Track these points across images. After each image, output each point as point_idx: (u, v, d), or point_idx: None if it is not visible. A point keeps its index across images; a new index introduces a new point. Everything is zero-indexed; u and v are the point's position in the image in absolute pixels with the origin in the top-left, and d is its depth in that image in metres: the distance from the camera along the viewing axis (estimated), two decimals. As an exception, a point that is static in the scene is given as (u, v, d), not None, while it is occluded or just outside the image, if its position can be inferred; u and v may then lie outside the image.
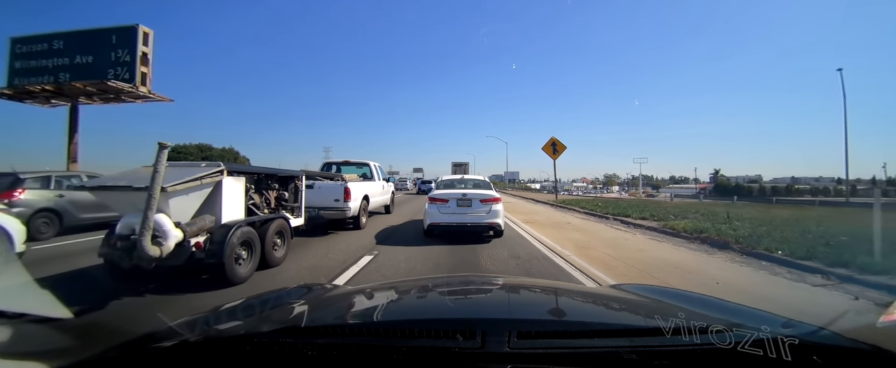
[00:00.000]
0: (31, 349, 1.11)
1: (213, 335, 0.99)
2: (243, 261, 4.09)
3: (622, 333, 0.95)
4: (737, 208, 13.79)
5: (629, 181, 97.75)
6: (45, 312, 1.43)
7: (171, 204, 3.58)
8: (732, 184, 67.24)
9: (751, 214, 10.79)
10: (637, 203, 18.31)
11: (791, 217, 10.19)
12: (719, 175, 76.98)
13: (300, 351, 0.85)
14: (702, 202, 24.07)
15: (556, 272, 4.80)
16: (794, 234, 6.66)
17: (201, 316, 1.18)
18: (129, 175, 4.05)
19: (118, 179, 3.97)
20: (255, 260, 4.26)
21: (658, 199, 34.27)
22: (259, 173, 5.37)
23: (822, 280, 4.29)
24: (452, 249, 5.99)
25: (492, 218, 6.72)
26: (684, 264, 5.21)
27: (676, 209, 13.11)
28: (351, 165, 10.30)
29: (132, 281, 3.75)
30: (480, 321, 1.03)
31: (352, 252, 5.76)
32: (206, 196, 4.02)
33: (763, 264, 5.09)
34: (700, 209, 12.89)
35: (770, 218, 9.88)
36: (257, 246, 4.30)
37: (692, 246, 6.59)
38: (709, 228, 7.46)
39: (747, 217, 9.84)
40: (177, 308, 3.37)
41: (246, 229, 4.14)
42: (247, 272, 4.11)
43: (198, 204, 3.95)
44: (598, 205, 14.35)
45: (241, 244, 4.03)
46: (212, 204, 4.07)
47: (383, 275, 4.58)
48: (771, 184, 69.19)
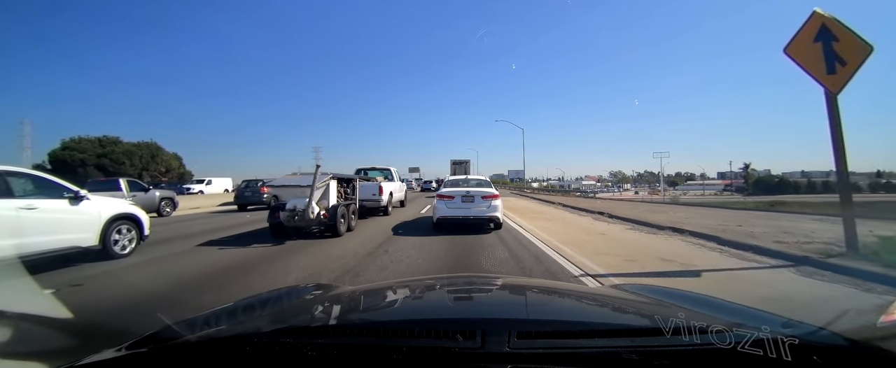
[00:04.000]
0: (31, 349, 1.11)
1: (213, 335, 0.99)
2: (342, 224, 7.43)
3: (622, 333, 0.95)
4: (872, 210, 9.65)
5: (637, 178, 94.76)
6: (45, 312, 1.44)
7: (314, 195, 6.98)
8: (775, 180, 61.39)
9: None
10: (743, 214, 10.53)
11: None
12: (750, 170, 70.93)
13: (300, 351, 0.85)
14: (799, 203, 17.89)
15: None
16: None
17: (201, 316, 1.18)
18: (290, 179, 8.23)
19: (288, 181, 8.04)
20: (346, 224, 7.71)
21: (716, 198, 26.99)
22: (341, 177, 8.58)
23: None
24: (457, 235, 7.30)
25: (492, 212, 7.81)
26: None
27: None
28: (376, 170, 13.57)
29: (290, 234, 7.19)
30: (480, 321, 1.03)
31: (391, 223, 9.28)
32: (324, 190, 7.44)
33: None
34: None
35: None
36: (347, 216, 7.79)
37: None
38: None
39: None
40: (314, 248, 6.22)
41: (342, 208, 7.58)
42: (343, 230, 7.46)
43: (320, 194, 7.26)
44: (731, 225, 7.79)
45: (341, 215, 7.40)
46: (326, 194, 7.55)
47: (410, 239, 7.04)
48: (822, 180, 59.66)
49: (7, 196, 4.33)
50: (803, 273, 4.21)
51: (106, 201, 5.69)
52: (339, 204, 7.62)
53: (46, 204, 4.73)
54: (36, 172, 5.38)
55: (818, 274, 4.12)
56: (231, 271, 4.84)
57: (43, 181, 5.04)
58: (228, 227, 9.22)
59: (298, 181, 7.50)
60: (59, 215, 4.83)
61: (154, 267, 5.18)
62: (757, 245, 5.51)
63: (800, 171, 78.88)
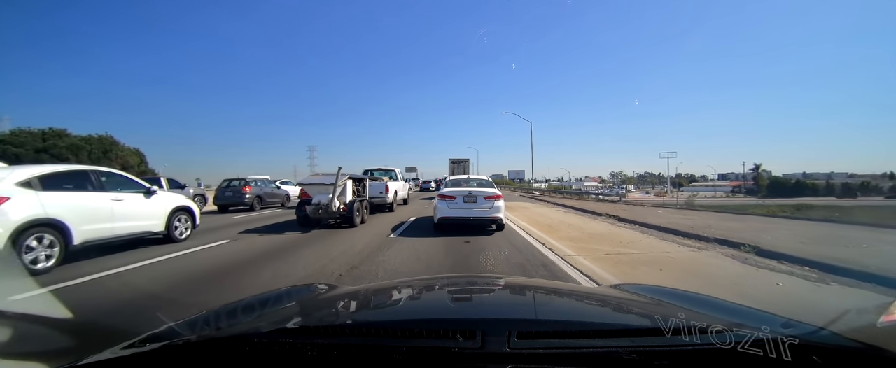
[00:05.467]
0: (31, 349, 1.11)
1: (213, 335, 0.99)
2: (357, 217, 8.74)
3: (622, 333, 0.95)
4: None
5: (638, 179, 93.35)
6: (45, 312, 1.44)
7: (336, 191, 8.44)
8: (791, 181, 57.37)
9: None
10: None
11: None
12: (761, 170, 68.11)
13: (300, 351, 0.85)
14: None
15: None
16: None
17: (201, 316, 1.18)
18: (315, 178, 9.58)
19: (314, 180, 9.32)
20: (361, 217, 9.00)
21: (739, 201, 25.12)
22: (355, 177, 9.82)
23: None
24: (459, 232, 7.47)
25: (494, 213, 7.62)
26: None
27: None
28: (382, 170, 14.69)
29: (314, 225, 8.53)
30: (480, 321, 1.03)
31: (397, 219, 10.09)
32: (343, 188, 8.86)
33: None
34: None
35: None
36: (361, 211, 9.08)
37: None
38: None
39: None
40: (339, 236, 7.33)
41: (357, 203, 8.94)
42: (359, 222, 8.75)
43: (339, 191, 8.60)
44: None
45: (356, 209, 8.73)
46: (344, 192, 8.99)
47: (417, 229, 8.13)
48: (842, 182, 55.43)
49: (102, 190, 5.56)
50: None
51: (169, 195, 6.97)
52: (355, 200, 9.02)
53: (129, 197, 5.91)
54: (119, 172, 6.57)
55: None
56: (278, 252, 5.89)
57: (125, 179, 6.32)
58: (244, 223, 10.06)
59: (323, 180, 8.89)
60: (138, 206, 6.01)
61: (214, 250, 6.12)
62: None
63: (801, 173, 77.53)
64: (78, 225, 4.97)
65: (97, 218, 5.30)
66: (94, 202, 5.34)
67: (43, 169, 5.11)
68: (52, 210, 4.76)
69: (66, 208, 4.94)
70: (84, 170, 5.65)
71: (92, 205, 5.30)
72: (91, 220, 5.20)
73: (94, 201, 5.36)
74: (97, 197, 5.41)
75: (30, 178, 4.78)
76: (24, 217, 4.46)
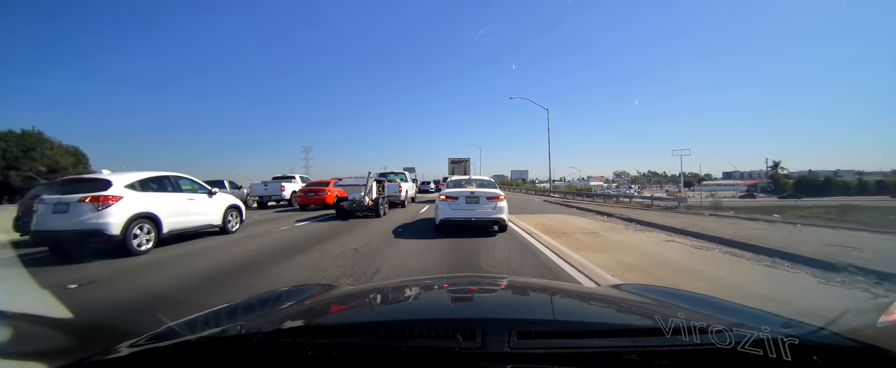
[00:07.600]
0: (31, 349, 1.11)
1: (213, 335, 0.99)
2: (382, 209, 11.03)
3: (622, 333, 0.95)
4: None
5: (642, 178, 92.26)
6: (45, 312, 1.44)
7: (366, 189, 10.80)
8: (820, 179, 53.79)
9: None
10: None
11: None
12: (779, 168, 64.32)
13: (300, 351, 0.85)
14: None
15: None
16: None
17: (201, 316, 1.18)
18: (350, 180, 12.39)
19: (350, 181, 11.96)
20: (383, 209, 11.24)
21: (772, 202, 24.06)
22: (379, 178, 12.25)
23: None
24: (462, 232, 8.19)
25: (497, 214, 7.56)
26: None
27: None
28: (395, 173, 17.27)
29: (349, 216, 10.58)
30: (480, 321, 1.03)
31: (411, 213, 12.34)
32: (370, 187, 10.88)
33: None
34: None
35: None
36: (383, 205, 11.25)
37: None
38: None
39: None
40: (368, 224, 9.30)
41: (381, 198, 11.24)
42: (382, 213, 10.96)
43: (368, 190, 10.79)
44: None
45: (380, 204, 10.98)
46: (371, 190, 10.92)
47: (427, 220, 9.58)
48: (876, 179, 50.92)
49: (179, 190, 6.96)
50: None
51: (224, 195, 8.26)
52: (379, 196, 11.27)
53: (198, 196, 7.31)
54: (189, 176, 7.61)
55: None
56: (322, 237, 7.35)
57: (193, 182, 7.56)
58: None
59: (356, 181, 11.53)
60: (204, 204, 7.40)
61: (261, 237, 7.56)
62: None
63: (807, 170, 75.61)
64: (166, 218, 6.30)
65: (178, 212, 6.66)
66: (175, 200, 6.71)
67: (140, 175, 6.39)
68: (149, 206, 6.07)
69: (158, 204, 6.26)
70: (166, 175, 6.88)
71: (174, 203, 6.66)
72: (174, 214, 6.55)
73: (176, 199, 6.73)
74: (177, 197, 6.79)
75: (133, 182, 6.09)
76: (132, 211, 5.75)
